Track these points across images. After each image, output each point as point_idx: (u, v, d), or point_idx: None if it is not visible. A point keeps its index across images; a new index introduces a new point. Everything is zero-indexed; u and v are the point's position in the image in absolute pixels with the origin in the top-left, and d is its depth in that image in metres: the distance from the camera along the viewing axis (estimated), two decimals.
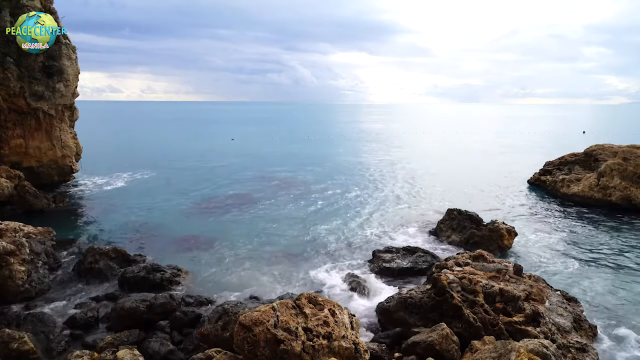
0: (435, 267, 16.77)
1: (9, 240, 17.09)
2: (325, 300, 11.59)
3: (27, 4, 30.60)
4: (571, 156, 37.76)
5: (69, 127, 34.90)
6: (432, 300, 14.05)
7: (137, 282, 17.30)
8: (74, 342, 13.74)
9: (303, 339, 10.18)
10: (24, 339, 12.29)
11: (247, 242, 23.34)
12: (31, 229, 19.46)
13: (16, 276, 16.16)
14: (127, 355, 11.34)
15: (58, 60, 31.60)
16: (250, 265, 20.33)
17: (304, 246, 22.96)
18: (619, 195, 29.88)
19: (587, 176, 32.82)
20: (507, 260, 17.64)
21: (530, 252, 22.19)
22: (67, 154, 34.02)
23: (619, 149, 33.51)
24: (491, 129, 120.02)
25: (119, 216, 28.11)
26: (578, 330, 13.44)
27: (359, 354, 10.67)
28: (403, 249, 20.89)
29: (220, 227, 25.98)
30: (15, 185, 28.62)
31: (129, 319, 14.39)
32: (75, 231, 25.13)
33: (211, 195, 34.53)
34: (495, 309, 13.36)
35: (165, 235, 24.35)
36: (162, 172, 44.56)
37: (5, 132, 30.91)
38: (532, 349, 10.30)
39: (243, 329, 10.37)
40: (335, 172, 45.75)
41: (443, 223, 25.00)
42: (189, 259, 21.00)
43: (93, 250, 19.36)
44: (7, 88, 29.61)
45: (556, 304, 14.22)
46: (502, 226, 22.53)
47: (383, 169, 47.81)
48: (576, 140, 78.47)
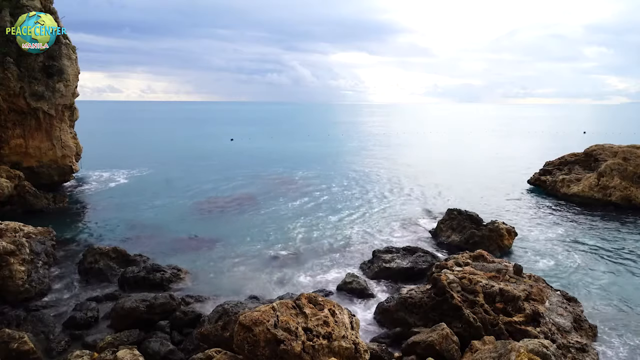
0: (435, 267, 16.77)
1: (9, 240, 17.09)
2: (325, 300, 11.59)
3: (27, 4, 30.60)
4: (571, 156, 37.76)
5: (69, 127, 34.91)
6: (432, 300, 14.05)
7: (137, 282, 17.31)
8: (74, 342, 13.75)
9: (303, 339, 10.18)
10: (24, 339, 12.28)
11: (247, 242, 23.35)
12: (31, 229, 19.46)
13: (16, 276, 16.16)
14: (127, 355, 11.33)
15: (58, 60, 31.60)
16: (250, 265, 20.33)
17: (304, 246, 22.97)
18: (619, 195, 29.88)
19: (587, 176, 32.82)
20: (507, 260, 17.65)
21: (530, 252, 22.20)
22: (67, 154, 34.01)
23: (619, 149, 33.52)
24: (491, 129, 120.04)
25: (119, 216, 28.11)
26: (578, 330, 13.45)
27: (359, 354, 10.67)
28: (403, 249, 20.89)
29: (220, 227, 25.97)
30: (15, 185, 28.61)
31: (129, 319, 14.39)
32: (75, 231, 25.13)
33: (211, 196, 34.53)
34: (495, 309, 13.37)
35: (165, 235, 24.35)
36: (162, 172, 44.59)
37: (5, 132, 30.91)
38: (532, 349, 10.30)
39: (243, 329, 10.37)
40: (335, 172, 45.76)
41: (443, 223, 25.00)
42: (189, 259, 21.00)
43: (93, 250, 19.36)
44: (7, 88, 29.61)
45: (556, 304, 14.22)
46: (502, 226, 22.53)
47: (383, 169, 47.82)
48: (576, 140, 78.48)
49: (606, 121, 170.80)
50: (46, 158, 33.00)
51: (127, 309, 14.52)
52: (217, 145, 71.64)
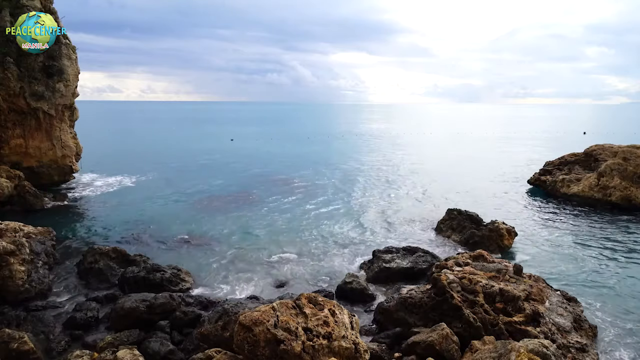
0: (435, 267, 16.77)
1: (9, 240, 17.08)
2: (325, 300, 11.58)
3: (27, 4, 30.60)
4: (571, 156, 37.76)
5: (69, 127, 34.90)
6: (432, 300, 14.04)
7: (137, 282, 17.29)
8: (74, 342, 13.75)
9: (303, 339, 10.17)
10: (24, 339, 12.28)
11: (247, 242, 23.35)
12: (31, 229, 19.45)
13: (16, 276, 16.15)
14: (127, 355, 11.34)
15: (58, 60, 31.60)
16: (250, 265, 20.34)
17: (304, 246, 22.97)
18: (619, 195, 29.87)
19: (587, 176, 32.81)
20: (507, 260, 17.63)
21: (530, 252, 22.19)
22: (67, 154, 34.02)
23: (619, 149, 33.51)
24: (491, 129, 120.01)
25: (118, 216, 28.11)
26: (578, 330, 13.44)
27: (359, 354, 10.66)
28: (403, 249, 20.89)
29: (220, 227, 25.98)
30: (15, 185, 28.62)
31: (129, 319, 14.39)
32: (75, 231, 25.13)
33: (211, 196, 34.54)
34: (495, 309, 13.36)
35: (165, 235, 24.35)
36: (161, 172, 44.60)
37: (5, 132, 30.91)
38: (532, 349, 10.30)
39: (243, 329, 10.36)
40: (335, 172, 45.77)
41: (443, 223, 25.02)
42: (189, 258, 21.01)
43: (93, 250, 19.35)
44: (7, 88, 29.61)
45: (556, 304, 14.22)
46: (502, 226, 22.53)
47: (383, 169, 47.83)
48: (576, 140, 78.46)
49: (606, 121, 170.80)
50: (46, 158, 33.01)
51: (127, 309, 14.52)
52: (217, 145, 71.64)
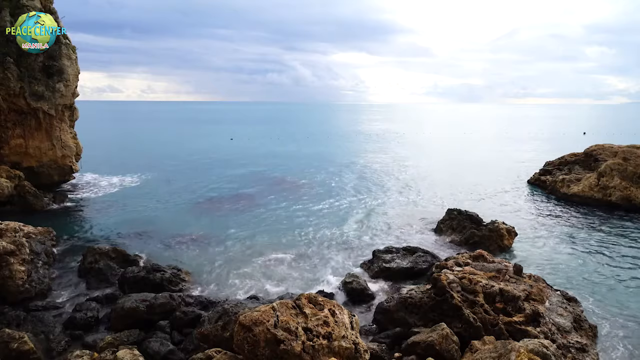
0: (435, 267, 16.78)
1: (9, 240, 17.09)
2: (325, 300, 11.58)
3: (27, 4, 30.57)
4: (571, 156, 37.78)
5: (69, 127, 34.88)
6: (432, 300, 14.04)
7: (137, 282, 17.29)
8: (74, 342, 13.75)
9: (303, 339, 10.17)
10: (24, 339, 12.29)
11: (247, 242, 23.35)
12: (31, 229, 19.47)
13: (16, 276, 16.16)
14: (127, 355, 11.34)
15: (58, 60, 31.58)
16: (250, 265, 20.33)
17: (304, 246, 22.97)
18: (619, 195, 29.87)
19: (587, 176, 32.82)
20: (507, 260, 17.64)
21: (530, 252, 22.18)
22: (67, 154, 34.00)
23: (619, 149, 33.53)
24: (491, 129, 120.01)
25: (118, 216, 28.11)
26: (578, 330, 13.44)
27: (359, 354, 10.66)
28: (403, 249, 20.89)
29: (220, 227, 25.97)
30: (15, 185, 28.62)
31: (129, 319, 14.40)
32: (75, 231, 25.12)
33: (211, 195, 34.54)
34: (495, 309, 13.36)
35: (165, 235, 24.34)
36: (162, 172, 44.59)
37: (5, 132, 30.90)
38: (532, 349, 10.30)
39: (243, 329, 10.36)
40: (335, 171, 45.76)
41: (443, 223, 25.01)
42: (189, 259, 21.01)
43: (93, 250, 19.36)
44: (7, 88, 29.59)
45: (556, 304, 14.22)
46: (502, 226, 22.53)
47: (383, 169, 47.81)
48: (576, 140, 78.45)
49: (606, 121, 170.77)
50: (46, 158, 32.99)
51: (127, 309, 14.52)
52: (217, 145, 71.65)
